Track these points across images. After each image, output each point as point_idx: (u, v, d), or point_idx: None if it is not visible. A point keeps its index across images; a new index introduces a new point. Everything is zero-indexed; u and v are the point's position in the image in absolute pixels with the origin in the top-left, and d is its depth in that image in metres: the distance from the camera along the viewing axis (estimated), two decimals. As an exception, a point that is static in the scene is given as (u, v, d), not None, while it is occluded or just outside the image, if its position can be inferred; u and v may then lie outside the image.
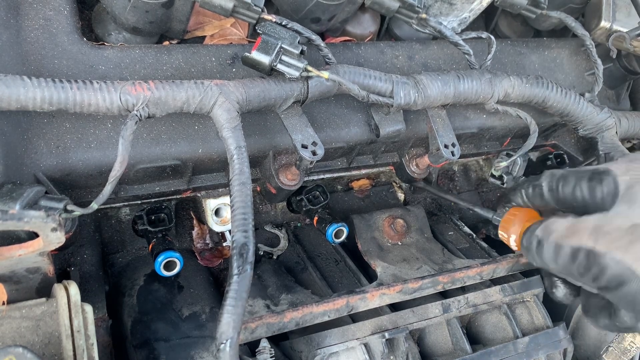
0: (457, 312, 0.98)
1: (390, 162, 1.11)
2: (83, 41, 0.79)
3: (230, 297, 0.65)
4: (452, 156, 0.96)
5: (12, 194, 0.64)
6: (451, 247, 1.17)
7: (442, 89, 0.92)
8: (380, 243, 1.13)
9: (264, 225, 1.18)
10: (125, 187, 0.88)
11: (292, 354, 0.91)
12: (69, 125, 0.76)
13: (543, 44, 1.17)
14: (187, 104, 0.75)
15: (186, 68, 0.84)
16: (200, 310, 0.94)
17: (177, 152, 0.82)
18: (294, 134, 0.84)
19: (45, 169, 0.74)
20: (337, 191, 1.29)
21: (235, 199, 0.71)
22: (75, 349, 0.63)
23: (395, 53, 1.01)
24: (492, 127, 1.09)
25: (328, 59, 0.87)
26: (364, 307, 0.91)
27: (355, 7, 0.97)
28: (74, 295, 0.65)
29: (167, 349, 0.87)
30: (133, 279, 0.99)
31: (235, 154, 0.74)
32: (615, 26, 1.12)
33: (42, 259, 0.66)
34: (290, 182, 0.92)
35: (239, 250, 0.68)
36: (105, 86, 0.71)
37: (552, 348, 1.02)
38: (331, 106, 0.94)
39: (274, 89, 0.81)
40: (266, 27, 0.79)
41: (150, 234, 0.98)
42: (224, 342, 0.63)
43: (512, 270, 1.06)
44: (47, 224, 0.60)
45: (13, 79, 0.66)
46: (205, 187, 0.95)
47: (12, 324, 0.62)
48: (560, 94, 1.02)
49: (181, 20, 0.88)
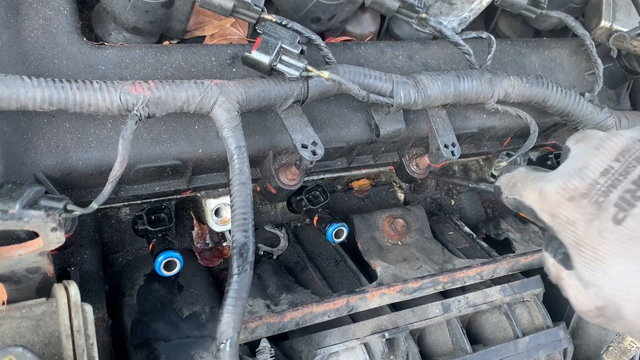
0: (457, 312, 0.98)
1: (390, 162, 1.11)
2: (83, 41, 0.79)
3: (230, 297, 0.65)
4: (452, 156, 0.96)
5: (12, 194, 0.64)
6: (451, 247, 1.17)
7: (442, 89, 0.92)
8: (380, 243, 1.13)
9: (264, 225, 1.18)
10: (125, 187, 0.88)
11: (292, 354, 0.91)
12: (69, 125, 0.76)
13: (543, 43, 1.17)
14: (187, 104, 0.75)
15: (186, 68, 0.84)
16: (200, 310, 0.94)
17: (177, 152, 0.82)
18: (294, 134, 0.84)
19: (45, 169, 0.74)
20: (337, 191, 1.29)
21: (236, 198, 0.71)
22: (75, 349, 0.63)
23: (395, 53, 1.01)
24: (492, 127, 1.09)
25: (328, 58, 0.87)
26: (364, 307, 0.91)
27: (355, 7, 0.97)
28: (74, 295, 0.65)
29: (167, 349, 0.87)
30: (133, 279, 0.99)
31: (235, 153, 0.74)
32: (616, 26, 1.12)
33: (42, 258, 0.66)
34: (290, 182, 0.92)
35: (239, 250, 0.68)
36: (105, 86, 0.71)
37: (552, 348, 1.02)
38: (331, 106, 0.94)
39: (274, 89, 0.81)
40: (266, 27, 0.79)
41: (150, 234, 0.98)
42: (224, 342, 0.63)
43: (512, 270, 1.06)
44: (47, 224, 0.60)
45: (13, 78, 0.66)
46: (205, 187, 0.95)
47: (12, 324, 0.62)
48: (560, 93, 1.02)
49: (181, 20, 0.88)
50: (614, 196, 0.50)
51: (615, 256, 0.49)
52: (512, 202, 0.63)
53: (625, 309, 0.49)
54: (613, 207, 0.50)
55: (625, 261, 0.48)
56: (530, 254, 1.08)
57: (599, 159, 0.52)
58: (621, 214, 0.49)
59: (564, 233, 0.54)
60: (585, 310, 0.53)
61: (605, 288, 0.50)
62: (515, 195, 0.62)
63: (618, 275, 0.49)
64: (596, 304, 0.52)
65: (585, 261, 0.51)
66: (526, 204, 0.60)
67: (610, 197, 0.50)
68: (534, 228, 1.27)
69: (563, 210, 0.53)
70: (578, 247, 0.52)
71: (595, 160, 0.52)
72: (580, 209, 0.52)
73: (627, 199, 0.49)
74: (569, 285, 0.55)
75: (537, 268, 1.08)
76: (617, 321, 0.51)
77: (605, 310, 0.51)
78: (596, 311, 0.52)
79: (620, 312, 0.50)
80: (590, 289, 0.52)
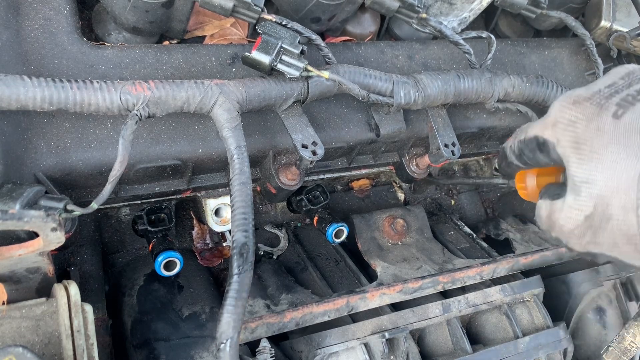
0: (458, 312, 0.98)
1: (390, 162, 1.11)
2: (83, 41, 0.79)
3: (230, 297, 0.65)
4: (452, 155, 0.96)
5: (12, 194, 0.64)
6: (451, 247, 1.17)
7: (442, 89, 0.92)
8: (380, 243, 1.13)
9: (264, 225, 1.18)
10: (125, 187, 0.88)
11: (292, 354, 0.91)
12: (69, 125, 0.76)
13: (543, 43, 1.17)
14: (187, 104, 0.75)
15: (186, 68, 0.84)
16: (200, 310, 0.94)
17: (177, 152, 0.82)
18: (294, 134, 0.84)
19: (45, 169, 0.74)
20: (337, 191, 1.29)
21: (236, 198, 0.71)
22: (75, 349, 0.63)
23: (395, 53, 1.01)
24: (493, 126, 1.09)
25: (328, 58, 0.87)
26: (364, 307, 0.91)
27: (355, 7, 0.97)
28: (74, 295, 0.65)
29: (167, 349, 0.87)
30: (133, 279, 0.99)
31: (235, 153, 0.74)
32: (616, 26, 1.12)
33: (42, 258, 0.66)
34: (290, 182, 0.92)
35: (239, 250, 0.68)
36: (105, 86, 0.71)
37: (552, 348, 1.02)
38: (331, 106, 0.94)
39: (274, 89, 0.81)
40: (266, 27, 0.79)
41: (150, 234, 0.98)
42: (224, 342, 0.63)
43: (512, 270, 1.06)
44: (47, 224, 0.60)
45: (13, 78, 0.66)
46: (205, 187, 0.95)
47: (12, 324, 0.62)
48: (560, 93, 1.02)
49: (181, 20, 0.87)
50: (615, 99, 0.52)
51: (612, 145, 0.50)
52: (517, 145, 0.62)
53: (614, 203, 0.49)
54: (614, 106, 0.51)
55: (620, 150, 0.49)
56: (530, 254, 1.08)
57: (606, 77, 0.55)
58: (621, 110, 0.51)
59: (563, 137, 0.55)
60: (574, 227, 0.54)
61: (598, 181, 0.50)
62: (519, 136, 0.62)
63: (612, 163, 0.50)
64: (585, 212, 0.52)
65: (582, 158, 0.52)
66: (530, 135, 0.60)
67: (613, 99, 0.52)
68: (534, 228, 1.27)
69: (565, 114, 0.55)
70: (576, 145, 0.53)
71: (602, 79, 0.55)
72: (583, 109, 0.53)
73: (629, 100, 0.51)
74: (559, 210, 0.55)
75: (537, 268, 1.08)
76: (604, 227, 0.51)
77: (594, 216, 0.51)
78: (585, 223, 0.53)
79: (608, 210, 0.50)
80: (581, 193, 0.52)
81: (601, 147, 0.50)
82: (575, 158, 0.53)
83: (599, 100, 0.53)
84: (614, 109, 0.51)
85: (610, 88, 0.53)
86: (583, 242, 0.54)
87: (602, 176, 0.50)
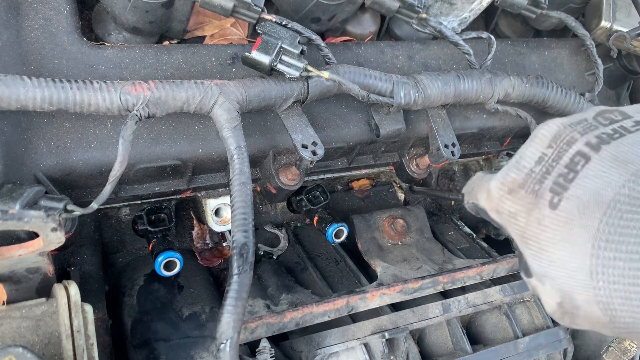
0: (457, 312, 0.98)
1: (390, 162, 1.11)
2: (83, 41, 0.79)
3: (230, 297, 0.65)
4: (452, 156, 0.96)
5: (12, 194, 0.64)
6: (451, 247, 1.17)
7: (442, 89, 0.92)
8: (380, 243, 1.13)
9: (264, 225, 1.18)
10: (125, 187, 0.88)
11: (292, 354, 0.91)
12: (69, 125, 0.76)
13: (543, 44, 1.17)
14: (187, 104, 0.75)
15: (186, 68, 0.84)
16: (200, 310, 0.94)
17: (177, 152, 0.82)
18: (294, 134, 0.84)
19: (45, 169, 0.74)
20: (337, 191, 1.29)
21: (236, 199, 0.71)
22: (75, 349, 0.63)
23: (395, 53, 1.01)
24: (493, 127, 1.09)
25: (328, 58, 0.87)
26: (364, 307, 0.91)
27: (355, 7, 0.97)
28: (74, 295, 0.65)
29: (167, 349, 0.87)
30: (133, 279, 0.99)
31: (235, 153, 0.74)
32: (616, 26, 1.12)
33: (42, 259, 0.66)
34: (290, 182, 0.92)
35: (239, 250, 0.68)
36: (105, 86, 0.71)
37: (552, 348, 1.02)
38: (331, 106, 0.94)
39: (274, 89, 0.81)
40: (266, 27, 0.79)
41: (150, 234, 0.98)
42: (224, 342, 0.63)
43: (512, 270, 1.05)
44: (47, 224, 0.60)
45: (13, 78, 0.66)
46: (205, 187, 0.95)
47: (12, 324, 0.62)
48: (560, 94, 1.02)
49: (181, 20, 0.87)
50: (548, 182, 0.49)
51: (557, 242, 0.48)
52: (471, 206, 0.63)
53: (577, 297, 0.48)
54: (548, 192, 0.49)
55: (566, 246, 0.47)
56: (530, 254, 1.08)
57: (533, 148, 0.51)
58: (556, 198, 0.48)
59: (510, 228, 0.53)
60: (552, 311, 0.52)
61: (555, 278, 0.49)
62: (472, 200, 0.61)
63: (563, 261, 0.48)
64: (555, 299, 0.51)
65: (533, 253, 0.51)
66: (480, 206, 0.59)
67: (545, 183, 0.49)
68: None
69: (505, 204, 0.53)
70: (524, 240, 0.51)
71: (529, 150, 0.52)
72: (520, 200, 0.51)
73: (561, 183, 0.48)
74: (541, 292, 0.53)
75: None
76: (577, 314, 0.50)
77: (564, 305, 0.50)
78: (559, 309, 0.51)
79: (575, 301, 0.49)
80: (545, 283, 0.51)
81: (548, 245, 0.49)
82: (527, 252, 0.51)
83: (533, 187, 0.50)
84: (549, 197, 0.49)
85: (541, 165, 0.50)
86: (566, 323, 0.53)
87: (558, 273, 0.49)
